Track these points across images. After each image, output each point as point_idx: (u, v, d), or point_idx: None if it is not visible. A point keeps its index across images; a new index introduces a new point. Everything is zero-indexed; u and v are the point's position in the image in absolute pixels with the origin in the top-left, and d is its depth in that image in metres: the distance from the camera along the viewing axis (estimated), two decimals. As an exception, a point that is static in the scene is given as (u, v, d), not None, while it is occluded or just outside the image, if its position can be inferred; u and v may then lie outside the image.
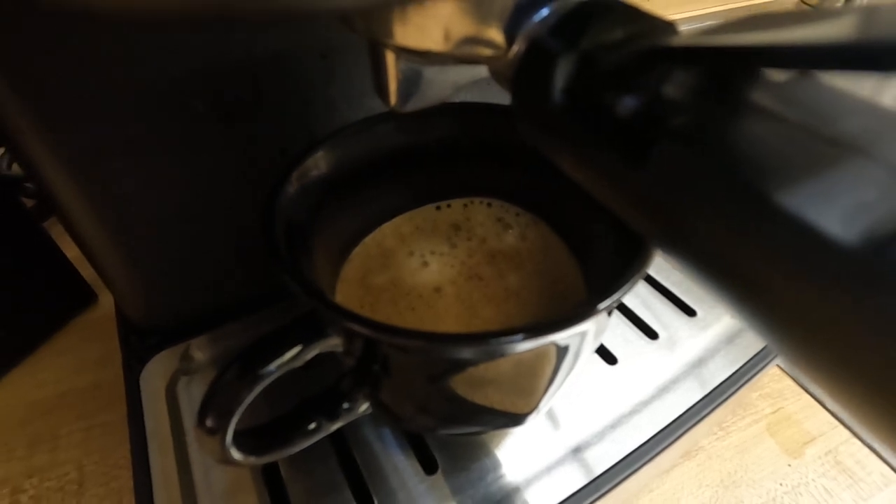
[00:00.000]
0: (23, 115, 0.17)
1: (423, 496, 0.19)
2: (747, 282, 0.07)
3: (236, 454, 0.14)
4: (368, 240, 0.22)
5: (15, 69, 0.16)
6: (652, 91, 0.08)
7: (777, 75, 0.08)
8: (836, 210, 0.06)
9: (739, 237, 0.07)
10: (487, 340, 0.12)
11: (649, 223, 0.08)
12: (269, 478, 0.20)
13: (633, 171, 0.08)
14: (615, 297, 0.13)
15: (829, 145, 0.07)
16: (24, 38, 0.15)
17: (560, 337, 0.13)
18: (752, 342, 0.25)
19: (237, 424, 0.14)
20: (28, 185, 0.36)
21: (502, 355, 0.13)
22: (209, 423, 0.13)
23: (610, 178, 0.09)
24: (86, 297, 0.33)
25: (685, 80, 0.08)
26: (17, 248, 0.29)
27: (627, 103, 0.08)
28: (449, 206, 0.22)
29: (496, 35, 0.11)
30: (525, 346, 0.13)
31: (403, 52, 0.13)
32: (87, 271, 0.33)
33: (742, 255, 0.07)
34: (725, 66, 0.08)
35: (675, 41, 0.08)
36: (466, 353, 0.13)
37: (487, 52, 0.11)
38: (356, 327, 0.12)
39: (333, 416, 0.16)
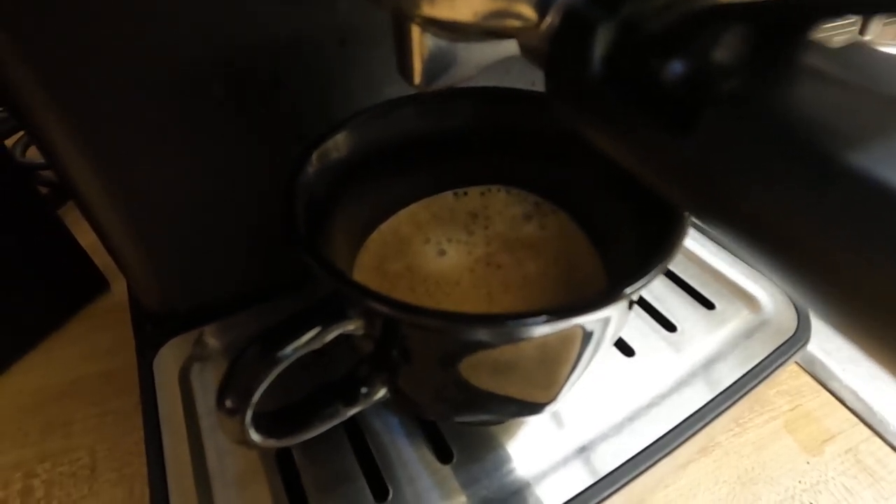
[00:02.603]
0: (43, 101, 0.17)
1: (438, 486, 0.19)
2: (803, 246, 0.07)
3: (255, 436, 0.14)
4: (384, 227, 0.21)
5: (37, 56, 0.16)
6: (699, 54, 0.08)
7: (830, 39, 0.08)
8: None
9: (798, 201, 0.06)
10: (510, 321, 0.12)
11: (693, 193, 0.08)
12: (283, 465, 0.20)
13: (679, 139, 0.08)
14: (641, 282, 0.13)
15: (893, 105, 0.07)
16: (45, 24, 0.15)
17: (583, 321, 0.13)
18: (771, 337, 0.25)
19: (256, 407, 0.13)
20: (42, 172, 0.36)
21: (524, 338, 0.13)
22: (229, 403, 0.13)
23: (654, 149, 0.08)
24: (98, 285, 0.33)
25: (734, 41, 0.08)
26: (31, 236, 0.29)
27: (674, 68, 0.08)
28: (466, 193, 0.22)
29: (528, 5, 0.10)
30: (548, 328, 0.12)
31: (430, 26, 0.12)
32: (100, 259, 0.33)
33: (800, 219, 0.06)
34: (776, 21, 0.07)
35: (721, 2, 0.08)
36: (488, 334, 0.12)
37: (518, 23, 0.11)
38: (377, 306, 0.12)
39: (351, 401, 0.16)
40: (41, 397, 0.29)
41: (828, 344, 0.31)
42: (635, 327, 0.25)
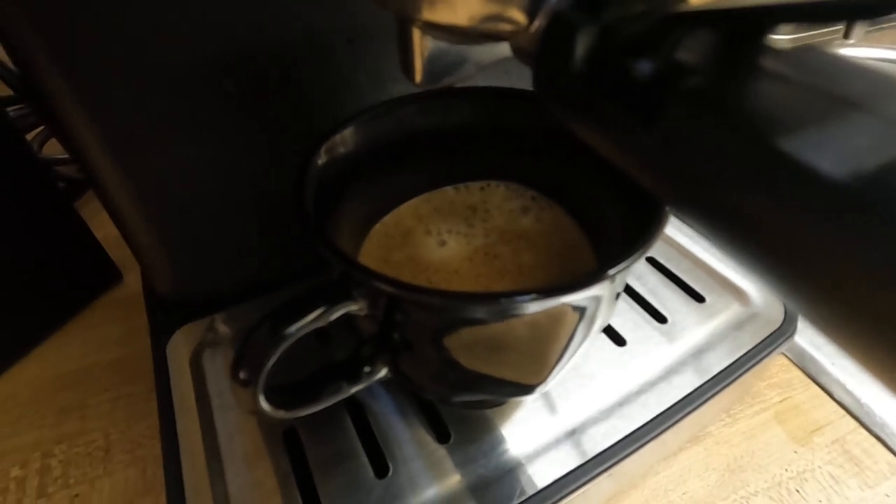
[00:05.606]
0: (66, 95, 0.18)
1: (436, 464, 0.20)
2: (754, 227, 0.08)
3: (266, 405, 0.15)
4: (388, 219, 0.22)
5: (62, 52, 0.17)
6: (667, 55, 0.09)
7: (786, 43, 0.09)
8: (833, 154, 0.07)
9: (746, 184, 0.07)
10: (502, 298, 0.13)
11: (665, 182, 0.09)
12: (290, 444, 0.21)
13: (649, 132, 0.09)
14: (622, 265, 0.14)
15: (833, 102, 0.08)
16: (72, 26, 0.16)
17: (570, 299, 0.14)
18: (759, 328, 0.25)
19: (267, 381, 0.14)
20: (60, 168, 0.37)
21: (515, 315, 0.14)
22: (242, 375, 0.14)
23: (628, 141, 0.09)
24: (112, 277, 0.35)
25: (699, 45, 0.09)
26: (49, 228, 0.30)
27: (644, 68, 0.09)
28: (466, 187, 0.23)
29: (519, 10, 0.12)
30: (537, 306, 0.13)
31: (429, 28, 0.13)
32: (114, 252, 0.34)
33: (749, 199, 0.07)
34: (736, 28, 0.08)
35: (690, 9, 0.09)
36: (482, 311, 0.13)
37: (509, 27, 0.12)
38: (380, 285, 0.13)
39: (354, 379, 0.17)
40: (57, 383, 0.30)
41: (818, 339, 0.31)
42: (627, 319, 0.26)
